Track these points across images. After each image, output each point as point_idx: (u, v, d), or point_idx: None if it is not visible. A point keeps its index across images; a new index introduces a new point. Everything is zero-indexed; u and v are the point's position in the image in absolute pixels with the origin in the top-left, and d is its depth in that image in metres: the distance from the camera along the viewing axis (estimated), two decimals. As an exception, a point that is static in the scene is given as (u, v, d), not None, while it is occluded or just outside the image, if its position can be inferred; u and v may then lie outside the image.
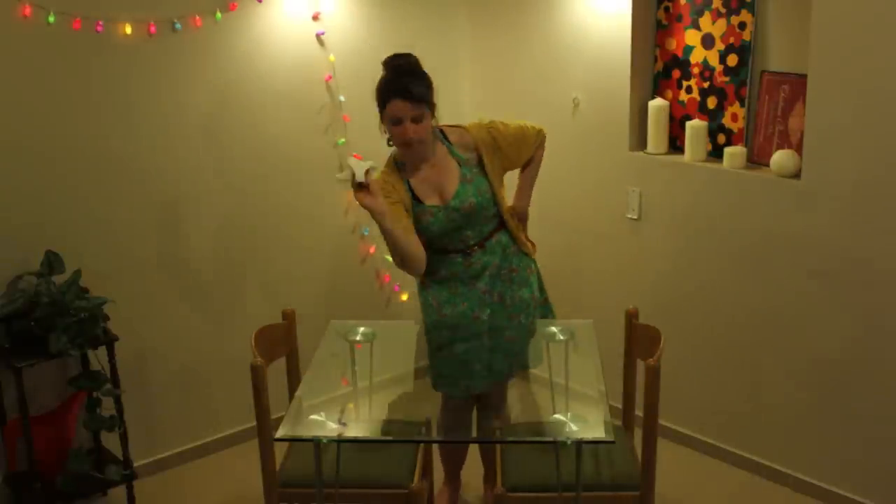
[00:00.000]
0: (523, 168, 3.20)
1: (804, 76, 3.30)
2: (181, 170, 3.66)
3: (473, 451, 3.44)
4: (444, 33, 4.35)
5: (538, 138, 3.16)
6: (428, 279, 3.10)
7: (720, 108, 3.68)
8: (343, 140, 4.08)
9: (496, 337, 3.07)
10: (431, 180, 3.00)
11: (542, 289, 3.25)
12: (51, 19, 3.23)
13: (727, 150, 3.59)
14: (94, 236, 3.48)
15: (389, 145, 3.02)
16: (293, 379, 3.13)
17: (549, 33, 4.06)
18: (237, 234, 3.87)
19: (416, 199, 2.99)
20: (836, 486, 3.48)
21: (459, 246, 3.04)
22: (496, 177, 3.05)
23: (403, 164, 3.01)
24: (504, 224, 3.10)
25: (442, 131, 3.05)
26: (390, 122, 2.90)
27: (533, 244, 3.24)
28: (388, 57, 2.97)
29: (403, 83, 2.86)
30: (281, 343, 3.08)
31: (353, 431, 2.73)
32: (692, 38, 3.71)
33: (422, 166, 2.99)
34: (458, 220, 3.00)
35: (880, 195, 3.15)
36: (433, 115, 2.96)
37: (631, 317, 3.09)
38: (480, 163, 3.02)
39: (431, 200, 2.99)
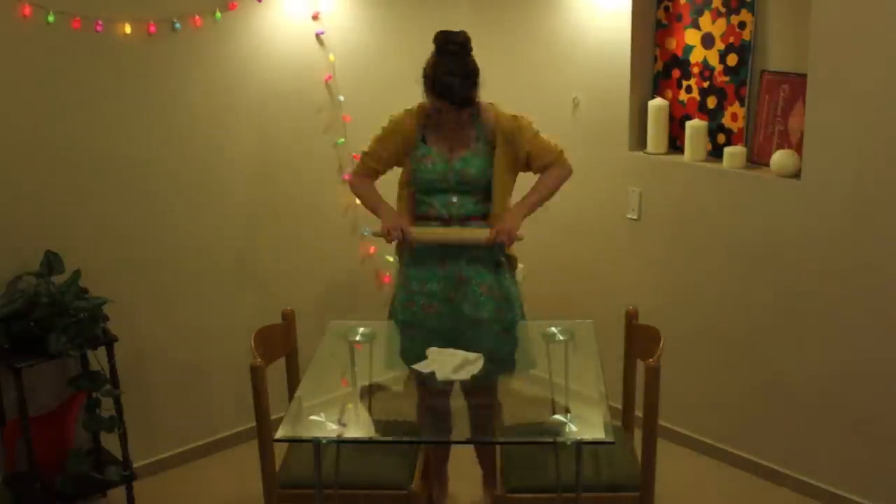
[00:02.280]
0: (535, 183, 3.21)
1: (804, 76, 3.30)
2: (180, 169, 3.65)
3: (471, 451, 3.44)
4: (443, 33, 4.34)
5: (558, 157, 3.18)
6: (406, 256, 3.21)
7: (720, 107, 3.68)
8: (343, 140, 4.08)
9: (464, 323, 3.15)
10: (448, 137, 3.12)
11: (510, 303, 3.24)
12: (50, 19, 3.23)
13: (727, 150, 3.59)
14: (94, 236, 3.48)
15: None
16: (293, 379, 3.13)
17: (549, 33, 4.06)
18: (236, 234, 3.87)
19: (423, 142, 3.12)
20: (836, 486, 3.48)
21: (442, 212, 3.13)
22: (501, 165, 3.11)
23: (429, 115, 3.12)
24: (486, 217, 3.16)
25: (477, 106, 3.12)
26: (432, 105, 3.04)
27: (511, 259, 3.26)
28: (439, 36, 3.04)
29: (453, 87, 2.95)
30: (281, 343, 3.07)
31: (353, 432, 2.73)
32: (692, 37, 3.71)
33: (446, 124, 3.10)
34: (451, 181, 3.11)
35: (880, 195, 3.15)
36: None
37: (631, 317, 3.09)
38: (492, 145, 3.11)
39: (438, 149, 3.12)
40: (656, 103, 3.77)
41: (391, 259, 4.32)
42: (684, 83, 3.78)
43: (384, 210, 3.19)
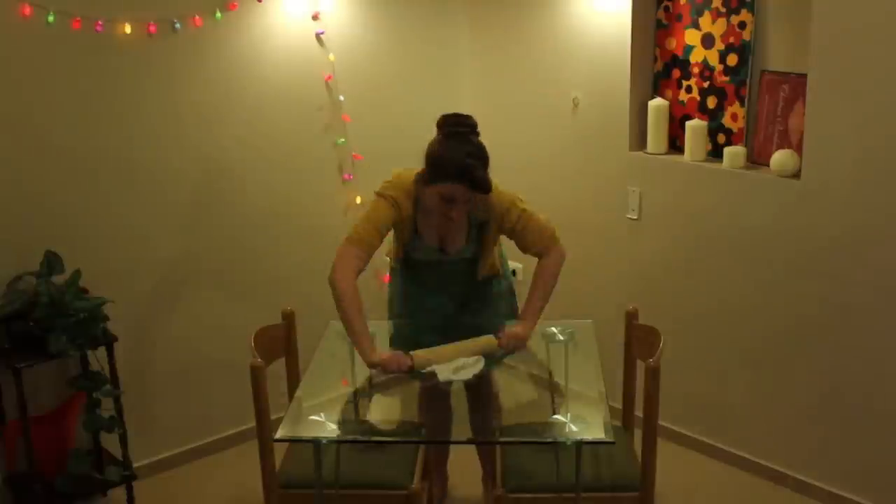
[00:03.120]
0: (534, 280, 3.00)
1: (804, 76, 3.30)
2: (180, 169, 3.66)
3: (471, 451, 3.44)
4: (444, 33, 4.35)
5: (551, 240, 2.98)
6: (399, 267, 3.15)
7: (720, 107, 3.68)
8: (343, 140, 4.08)
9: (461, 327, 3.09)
10: (441, 230, 2.97)
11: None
12: (51, 19, 3.23)
13: (727, 149, 3.59)
14: (95, 236, 3.48)
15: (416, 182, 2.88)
16: (293, 379, 3.13)
17: (549, 33, 4.06)
18: (237, 234, 3.87)
19: (416, 232, 2.97)
20: (836, 486, 3.48)
21: (434, 259, 3.06)
22: (489, 242, 3.03)
23: (419, 205, 2.92)
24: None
25: None
26: (439, 195, 2.77)
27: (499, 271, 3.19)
28: (449, 118, 2.83)
29: (473, 169, 2.73)
30: (281, 343, 3.08)
31: (353, 432, 2.73)
32: (692, 37, 3.71)
33: (441, 224, 2.92)
34: (444, 264, 3.03)
35: (880, 195, 3.15)
36: None
37: (631, 317, 3.09)
38: (485, 225, 2.97)
39: (430, 242, 2.98)
40: (656, 103, 3.77)
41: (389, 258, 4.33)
42: (684, 83, 3.78)
43: (364, 343, 2.79)
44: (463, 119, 2.82)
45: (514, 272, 4.46)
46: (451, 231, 2.95)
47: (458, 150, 2.76)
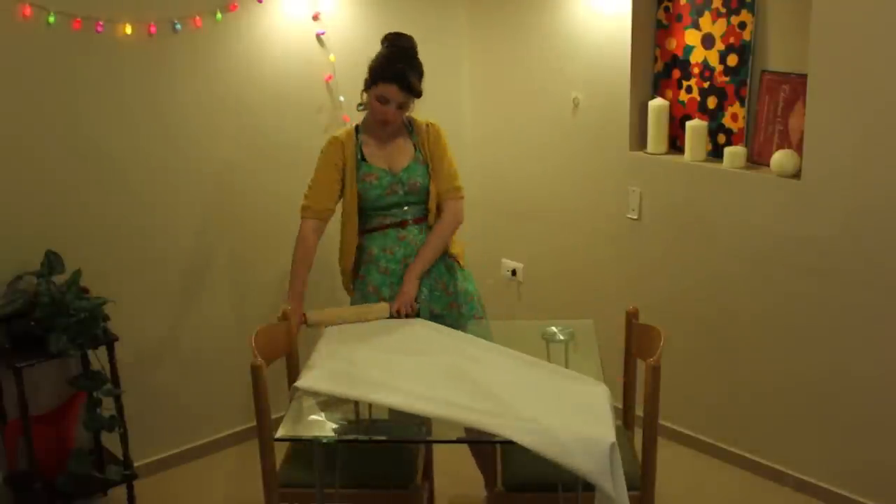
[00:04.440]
0: (427, 239, 3.20)
1: (804, 76, 3.30)
2: (180, 170, 3.66)
3: (466, 451, 3.44)
4: (444, 33, 4.35)
5: (456, 190, 3.22)
6: (362, 269, 3.26)
7: (720, 107, 3.68)
8: (343, 140, 4.08)
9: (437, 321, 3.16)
10: (386, 152, 3.19)
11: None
12: (51, 19, 3.23)
13: (727, 150, 3.59)
14: (94, 236, 3.49)
15: (359, 109, 3.22)
16: (293, 379, 3.13)
17: (549, 33, 4.06)
18: (237, 234, 3.87)
19: (363, 160, 3.17)
20: (836, 486, 3.48)
21: (396, 218, 3.20)
22: (435, 164, 3.22)
23: (362, 131, 3.21)
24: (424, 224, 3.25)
25: (408, 120, 3.23)
26: (376, 98, 3.08)
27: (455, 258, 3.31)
28: (390, 34, 3.16)
29: (404, 72, 3.05)
30: (281, 343, 3.07)
31: (353, 431, 2.73)
32: (692, 37, 3.71)
33: (383, 138, 3.19)
34: (399, 193, 3.17)
35: (880, 195, 3.15)
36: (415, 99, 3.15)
37: (631, 317, 3.09)
38: (426, 155, 3.21)
39: (379, 165, 3.17)
40: (656, 103, 3.77)
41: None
42: (684, 83, 3.78)
43: (290, 292, 3.14)
44: (403, 36, 3.15)
45: (513, 272, 4.46)
46: (393, 151, 3.18)
47: (393, 57, 3.09)
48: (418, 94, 3.12)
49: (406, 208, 3.20)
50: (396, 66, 3.06)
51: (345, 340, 2.99)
